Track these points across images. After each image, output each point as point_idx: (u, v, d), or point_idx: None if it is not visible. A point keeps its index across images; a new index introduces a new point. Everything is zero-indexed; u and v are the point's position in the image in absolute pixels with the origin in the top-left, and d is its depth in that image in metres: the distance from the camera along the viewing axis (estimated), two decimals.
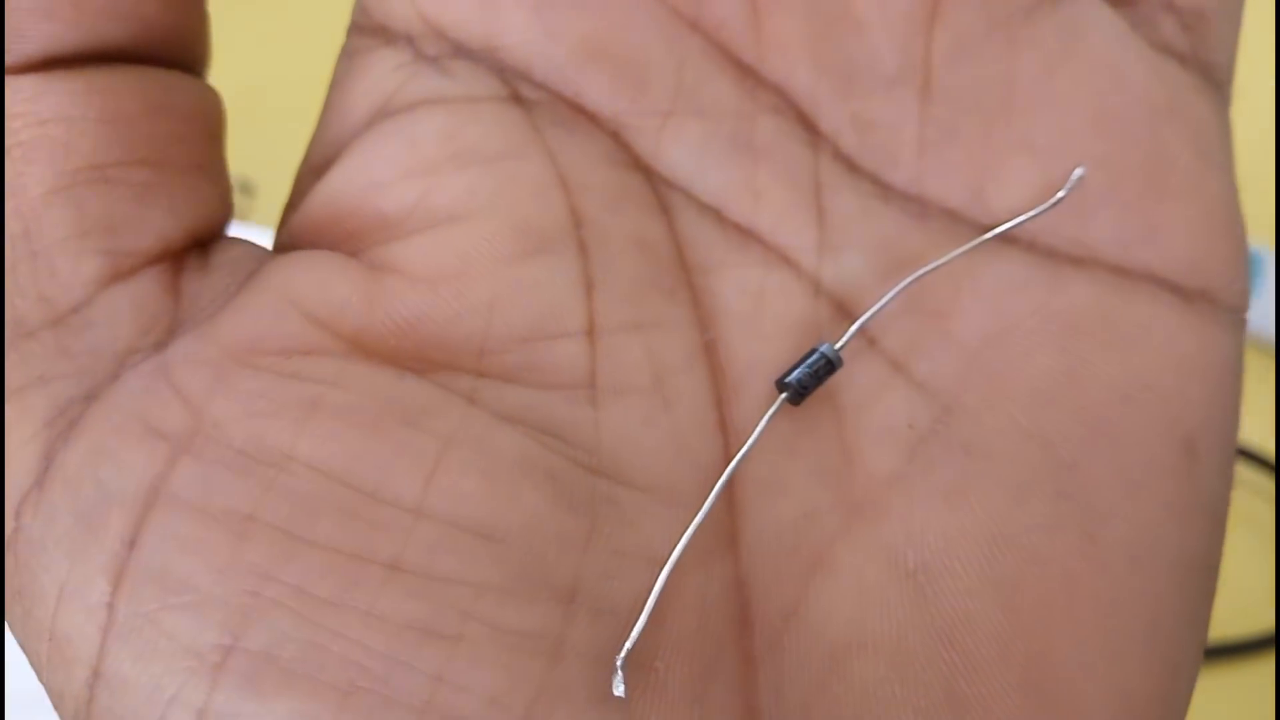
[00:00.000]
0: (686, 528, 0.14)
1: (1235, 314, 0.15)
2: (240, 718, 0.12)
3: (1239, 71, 0.16)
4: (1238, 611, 0.36)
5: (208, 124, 0.15)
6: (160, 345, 0.13)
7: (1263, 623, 0.36)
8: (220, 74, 0.15)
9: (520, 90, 0.15)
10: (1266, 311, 0.40)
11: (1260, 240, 0.41)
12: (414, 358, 0.14)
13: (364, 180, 0.14)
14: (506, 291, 0.14)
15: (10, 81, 0.13)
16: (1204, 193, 0.15)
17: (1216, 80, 0.16)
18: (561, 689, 0.12)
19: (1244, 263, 0.16)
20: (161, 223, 0.14)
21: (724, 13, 0.15)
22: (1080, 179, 0.15)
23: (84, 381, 0.13)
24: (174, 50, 0.14)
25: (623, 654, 0.12)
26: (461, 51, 0.15)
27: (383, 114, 0.15)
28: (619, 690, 0.12)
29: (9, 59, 0.13)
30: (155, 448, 0.12)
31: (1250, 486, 0.38)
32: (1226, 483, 0.15)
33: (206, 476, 0.12)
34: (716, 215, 0.15)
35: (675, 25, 0.15)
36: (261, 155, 0.15)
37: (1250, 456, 0.38)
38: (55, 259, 0.13)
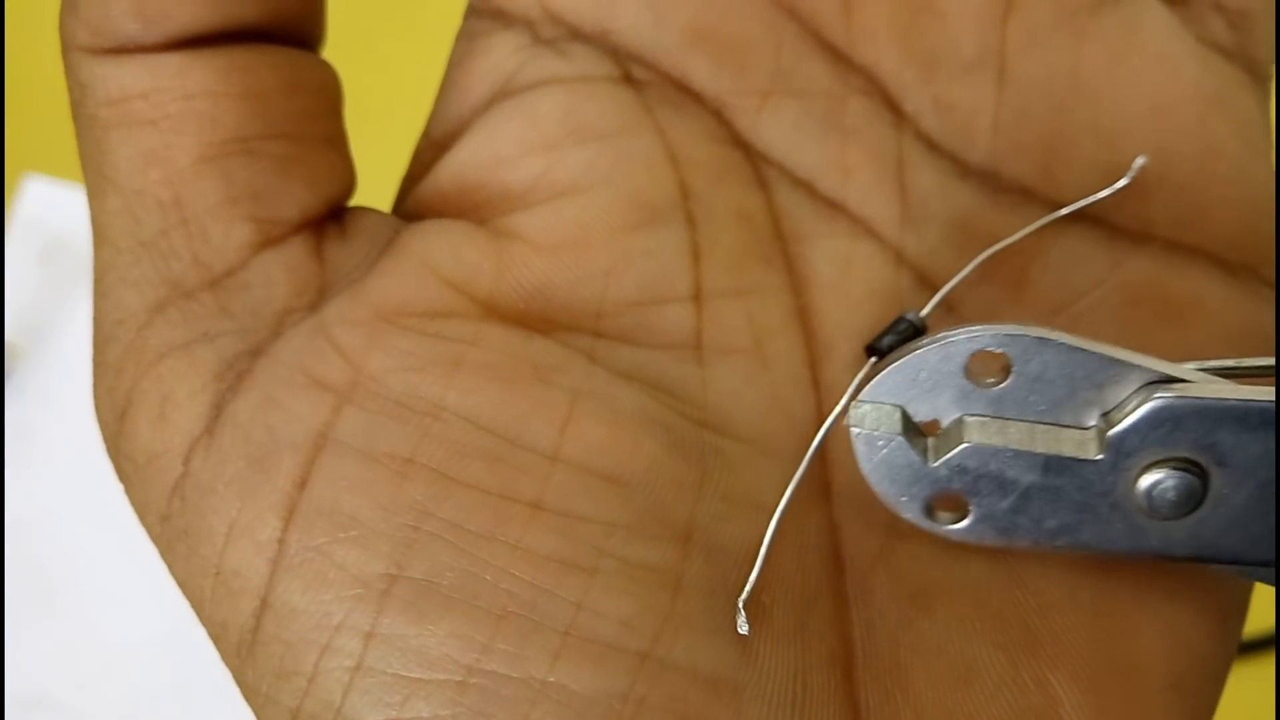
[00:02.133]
0: (785, 477, 0.15)
1: (1273, 290, 0.17)
2: (404, 639, 0.13)
3: None
4: None
5: (332, 99, 0.16)
6: (314, 306, 0.14)
7: (1263, 622, 0.36)
8: None
9: (631, 71, 0.16)
10: None
11: None
12: (539, 319, 0.15)
13: (489, 155, 0.15)
14: (622, 259, 0.15)
15: (158, 58, 0.14)
16: (1248, 178, 0.16)
17: (1260, 75, 0.17)
18: (684, 618, 0.13)
19: None
20: (302, 192, 0.15)
21: (818, 0, 0.16)
22: (1142, 166, 0.16)
23: (248, 338, 0.14)
24: (299, 29, 0.15)
25: (744, 595, 0.14)
26: (577, 35, 0.16)
27: (504, 93, 0.16)
28: (743, 629, 0.13)
29: (155, 37, 0.14)
30: (321, 397, 0.13)
31: None
32: None
33: (369, 423, 0.13)
34: (809, 189, 0.16)
35: (773, 11, 0.16)
36: None
37: None
38: (207, 225, 0.14)
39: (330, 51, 0.16)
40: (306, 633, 0.13)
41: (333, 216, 0.15)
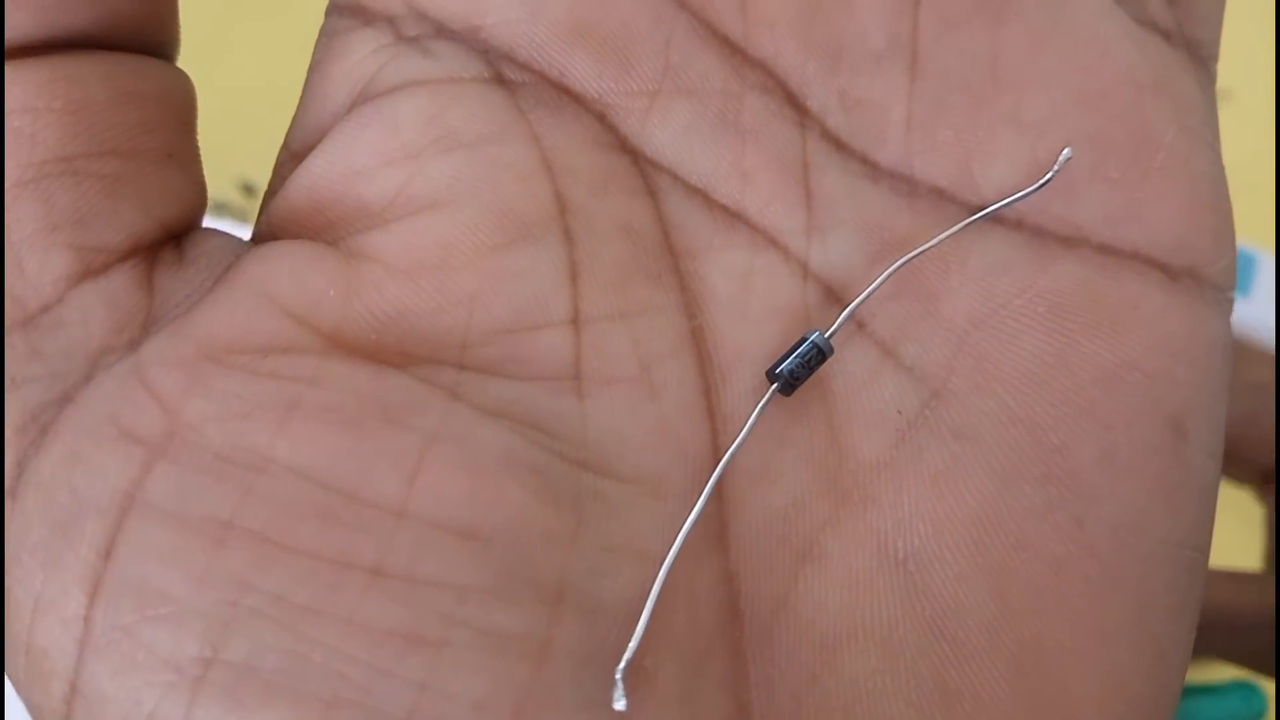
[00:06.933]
0: (676, 520, 0.13)
1: (1221, 292, 0.14)
2: None
3: (1239, 76, 0.15)
4: None
5: (178, 110, 0.13)
6: (134, 344, 0.12)
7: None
8: (222, 75, 0.14)
9: (504, 71, 0.14)
10: (1266, 314, 0.37)
11: (1259, 244, 0.38)
12: (394, 352, 0.12)
13: (344, 166, 0.13)
14: (489, 282, 0.13)
15: None
16: (1189, 170, 0.14)
17: (1201, 57, 0.15)
18: (549, 691, 0.11)
19: (1230, 241, 0.15)
20: (133, 216, 0.12)
21: None
22: (1068, 159, 0.14)
23: (56, 384, 0.12)
24: (142, 35, 0.13)
25: (623, 661, 0.11)
26: (443, 32, 0.14)
27: (364, 97, 0.13)
28: (620, 705, 0.11)
29: None
30: (130, 452, 0.11)
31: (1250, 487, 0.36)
32: (1215, 462, 0.14)
33: (183, 482, 0.11)
34: (704, 197, 0.14)
35: (661, 2, 0.14)
36: (263, 155, 0.14)
37: None
38: (23, 256, 0.12)
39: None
40: None
41: (171, 240, 0.13)
